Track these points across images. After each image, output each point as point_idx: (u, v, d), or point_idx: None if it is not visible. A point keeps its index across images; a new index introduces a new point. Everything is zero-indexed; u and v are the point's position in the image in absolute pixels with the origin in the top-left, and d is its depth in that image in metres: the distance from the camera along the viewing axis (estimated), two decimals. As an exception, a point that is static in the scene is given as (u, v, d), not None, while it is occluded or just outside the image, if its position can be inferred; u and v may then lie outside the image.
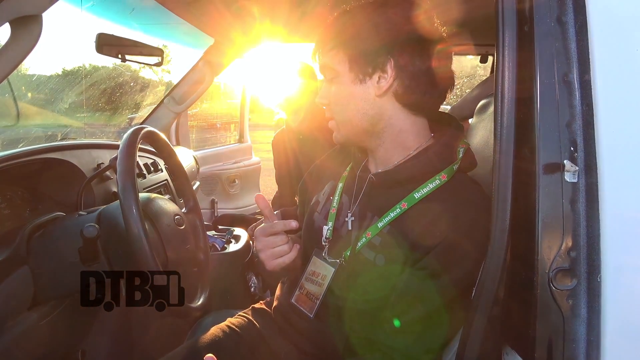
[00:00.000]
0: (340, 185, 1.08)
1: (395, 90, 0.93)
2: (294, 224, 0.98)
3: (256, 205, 3.24)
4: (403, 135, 0.97)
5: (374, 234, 0.95)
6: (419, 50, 0.92)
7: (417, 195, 0.92)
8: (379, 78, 0.93)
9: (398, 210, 0.93)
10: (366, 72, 0.93)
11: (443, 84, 0.95)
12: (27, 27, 0.76)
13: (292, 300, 1.08)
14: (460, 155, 0.95)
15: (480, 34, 2.11)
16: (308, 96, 2.14)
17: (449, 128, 0.99)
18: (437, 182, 0.92)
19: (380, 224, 0.95)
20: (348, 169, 1.10)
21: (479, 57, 2.62)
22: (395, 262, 0.92)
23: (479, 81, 2.39)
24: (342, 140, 1.03)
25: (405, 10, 0.92)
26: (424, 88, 0.93)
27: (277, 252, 1.01)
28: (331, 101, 0.99)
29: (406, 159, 0.97)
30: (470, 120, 1.57)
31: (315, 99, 1.04)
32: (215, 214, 2.95)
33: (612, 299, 0.64)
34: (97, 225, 0.99)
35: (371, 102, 0.94)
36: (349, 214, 1.02)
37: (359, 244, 0.97)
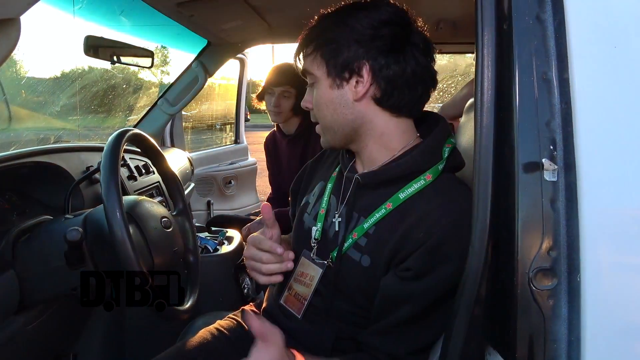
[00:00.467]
0: (329, 186, 1.08)
1: (373, 94, 0.93)
2: (279, 250, 0.98)
3: (252, 206, 3.26)
4: (386, 137, 0.97)
5: (360, 234, 0.95)
6: (395, 53, 0.91)
7: (402, 195, 0.92)
8: (356, 83, 0.92)
9: (383, 210, 0.93)
10: (343, 77, 0.93)
11: (424, 85, 0.95)
12: (4, 31, 0.75)
13: (281, 301, 1.08)
14: (446, 154, 0.95)
15: (473, 32, 2.11)
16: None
17: (435, 127, 0.98)
18: (422, 182, 0.92)
19: (365, 225, 0.95)
20: (337, 169, 1.10)
21: (473, 55, 2.61)
22: (380, 263, 0.92)
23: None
24: (327, 145, 1.03)
25: (380, 13, 0.92)
26: (402, 91, 0.92)
27: (257, 268, 1.01)
28: (314, 106, 0.99)
29: (391, 160, 0.96)
30: (460, 119, 1.57)
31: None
32: (211, 216, 2.95)
33: (592, 298, 0.64)
34: (80, 229, 0.98)
35: (350, 107, 0.94)
36: (336, 215, 1.02)
37: (345, 245, 0.97)
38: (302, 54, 1.00)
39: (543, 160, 0.65)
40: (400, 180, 0.93)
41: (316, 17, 0.99)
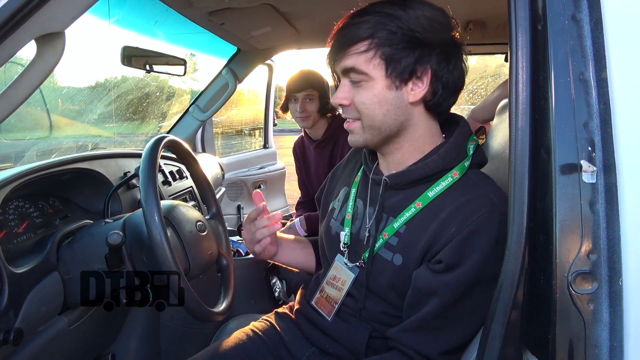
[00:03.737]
0: (353, 190, 1.10)
1: (424, 97, 0.93)
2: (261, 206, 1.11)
3: (281, 210, 3.28)
4: (420, 139, 0.98)
5: (391, 234, 0.97)
6: (454, 57, 0.92)
7: (431, 194, 0.94)
8: (414, 85, 0.91)
9: (413, 210, 0.95)
10: (403, 79, 0.91)
11: (461, 87, 0.96)
12: (51, 43, 0.79)
13: (312, 302, 1.11)
14: (471, 151, 0.96)
15: (503, 32, 2.08)
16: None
17: (457, 127, 1.00)
18: (450, 179, 0.93)
19: (396, 224, 0.96)
20: (359, 173, 1.11)
21: (504, 56, 2.57)
22: (412, 261, 0.93)
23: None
24: (360, 144, 0.99)
25: (439, 15, 0.90)
26: (452, 95, 0.94)
27: (250, 238, 1.13)
28: (357, 104, 0.94)
29: (418, 160, 0.97)
30: (491, 122, 1.55)
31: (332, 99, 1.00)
32: (242, 220, 2.98)
33: (635, 302, 0.62)
34: (121, 233, 1.02)
35: (403, 108, 0.93)
36: (366, 218, 1.03)
37: (377, 246, 0.98)
38: (352, 50, 0.91)
39: (581, 161, 0.64)
40: (427, 180, 0.95)
41: (358, 11, 0.93)
